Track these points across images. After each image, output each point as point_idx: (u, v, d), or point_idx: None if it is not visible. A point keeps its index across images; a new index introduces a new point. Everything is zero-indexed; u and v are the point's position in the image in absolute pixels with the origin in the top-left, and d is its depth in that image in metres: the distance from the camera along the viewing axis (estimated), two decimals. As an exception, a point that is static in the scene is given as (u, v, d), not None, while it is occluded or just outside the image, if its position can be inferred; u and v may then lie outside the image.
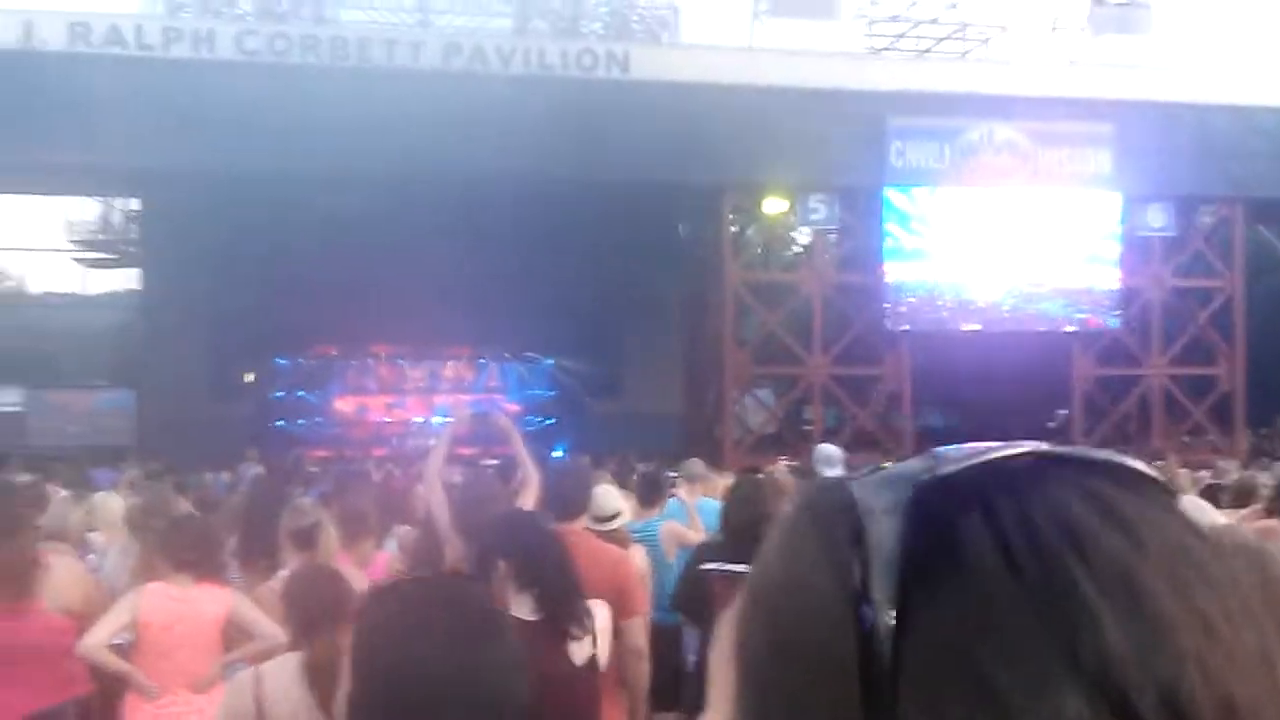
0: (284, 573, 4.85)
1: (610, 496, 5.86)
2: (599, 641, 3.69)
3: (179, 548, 4.32)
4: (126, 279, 26.84)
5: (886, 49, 27.68)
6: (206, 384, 22.71)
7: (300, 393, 27.87)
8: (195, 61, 16.34)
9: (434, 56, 17.23)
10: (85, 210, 24.35)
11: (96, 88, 15.68)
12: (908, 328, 18.08)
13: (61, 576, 4.63)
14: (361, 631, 1.48)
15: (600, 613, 3.77)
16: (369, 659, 1.43)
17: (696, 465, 7.57)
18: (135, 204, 24.39)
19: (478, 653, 1.41)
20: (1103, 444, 15.49)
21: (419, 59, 17.16)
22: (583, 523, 4.85)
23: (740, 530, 4.98)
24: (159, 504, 5.70)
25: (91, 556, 6.26)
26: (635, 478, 7.56)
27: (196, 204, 20.82)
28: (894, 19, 28.75)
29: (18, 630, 4.33)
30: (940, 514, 0.45)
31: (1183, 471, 10.61)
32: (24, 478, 11.38)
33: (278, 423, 26.53)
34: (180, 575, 4.30)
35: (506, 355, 28.61)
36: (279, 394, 27.16)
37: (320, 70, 16.54)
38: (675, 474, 6.99)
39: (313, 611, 2.93)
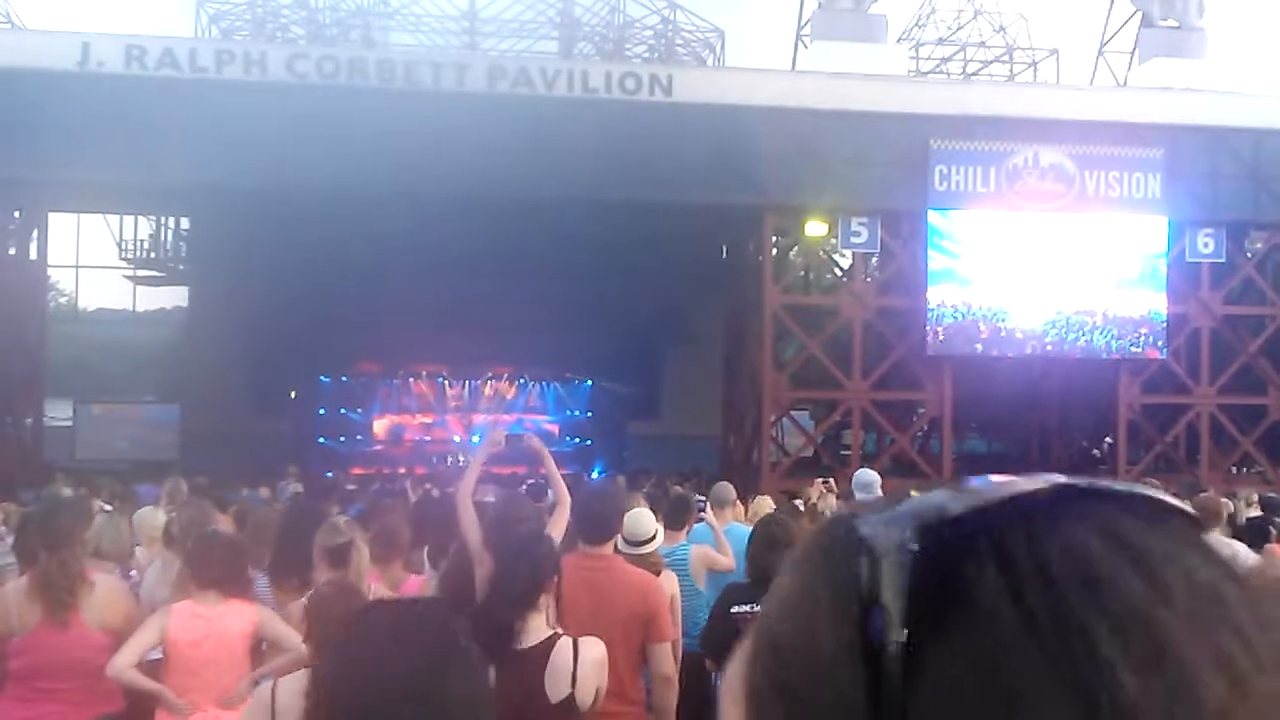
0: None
1: (644, 520, 5.81)
2: (578, 679, 3.54)
3: (205, 565, 4.36)
4: (175, 296, 27.32)
5: (933, 72, 27.63)
6: (250, 400, 23.04)
7: (342, 410, 28.17)
8: (246, 83, 16.64)
9: (479, 79, 17.40)
10: (137, 228, 24.84)
11: (150, 108, 16.03)
12: (949, 353, 17.88)
13: (104, 594, 4.68)
14: (326, 658, 1.47)
15: (593, 650, 3.63)
16: (332, 686, 1.42)
17: (726, 490, 7.50)
18: (185, 223, 24.84)
19: (438, 684, 1.39)
20: (1148, 473, 15.21)
21: (464, 82, 17.34)
22: (610, 547, 4.82)
23: (765, 573, 4.94)
24: (198, 520, 5.75)
25: (134, 573, 6.34)
26: (666, 500, 7.52)
27: (244, 223, 21.18)
28: (941, 42, 28.73)
29: (59, 645, 4.39)
30: (947, 557, 0.42)
31: (1225, 500, 10.36)
32: (68, 492, 11.59)
33: (319, 440, 26.83)
34: (207, 593, 4.33)
35: (546, 375, 28.75)
36: (321, 411, 27.48)
37: (368, 91, 16.77)
38: (703, 498, 6.93)
39: (332, 628, 2.94)
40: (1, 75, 15.98)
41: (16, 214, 17.59)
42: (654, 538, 5.76)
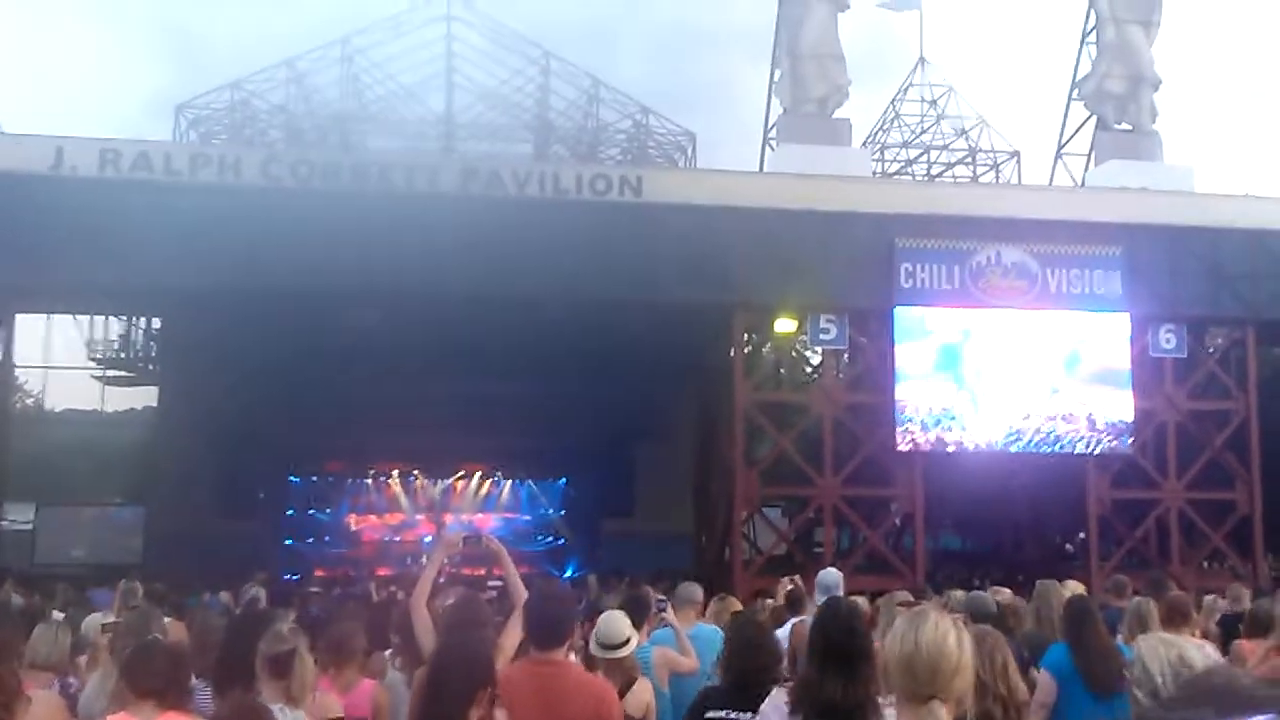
0: (262, 701, 4.74)
1: (617, 622, 5.68)
2: None
3: (143, 675, 4.22)
4: (144, 396, 27.11)
5: (899, 173, 28.31)
6: (217, 501, 22.68)
7: (311, 511, 27.78)
8: (220, 186, 16.80)
9: (452, 180, 17.66)
10: (107, 328, 24.77)
11: (122, 211, 16.11)
12: (920, 448, 17.92)
13: (40, 711, 4.51)
14: None
15: None
16: None
17: (692, 590, 7.40)
18: (156, 322, 24.78)
19: None
20: (1120, 569, 15.13)
21: (437, 183, 17.59)
22: (563, 652, 4.70)
23: (743, 677, 4.84)
24: (137, 627, 5.60)
25: (73, 682, 6.14)
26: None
27: (214, 323, 21.15)
28: (905, 145, 29.50)
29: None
30: None
31: (1208, 599, 10.32)
32: (18, 600, 11.30)
33: (287, 541, 26.39)
34: (144, 704, 4.19)
35: (519, 473, 28.54)
36: (290, 511, 27.09)
37: (342, 194, 16.96)
38: (664, 598, 6.82)
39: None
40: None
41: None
42: (628, 641, 5.64)
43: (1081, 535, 20.98)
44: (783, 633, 6.54)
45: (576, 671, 4.88)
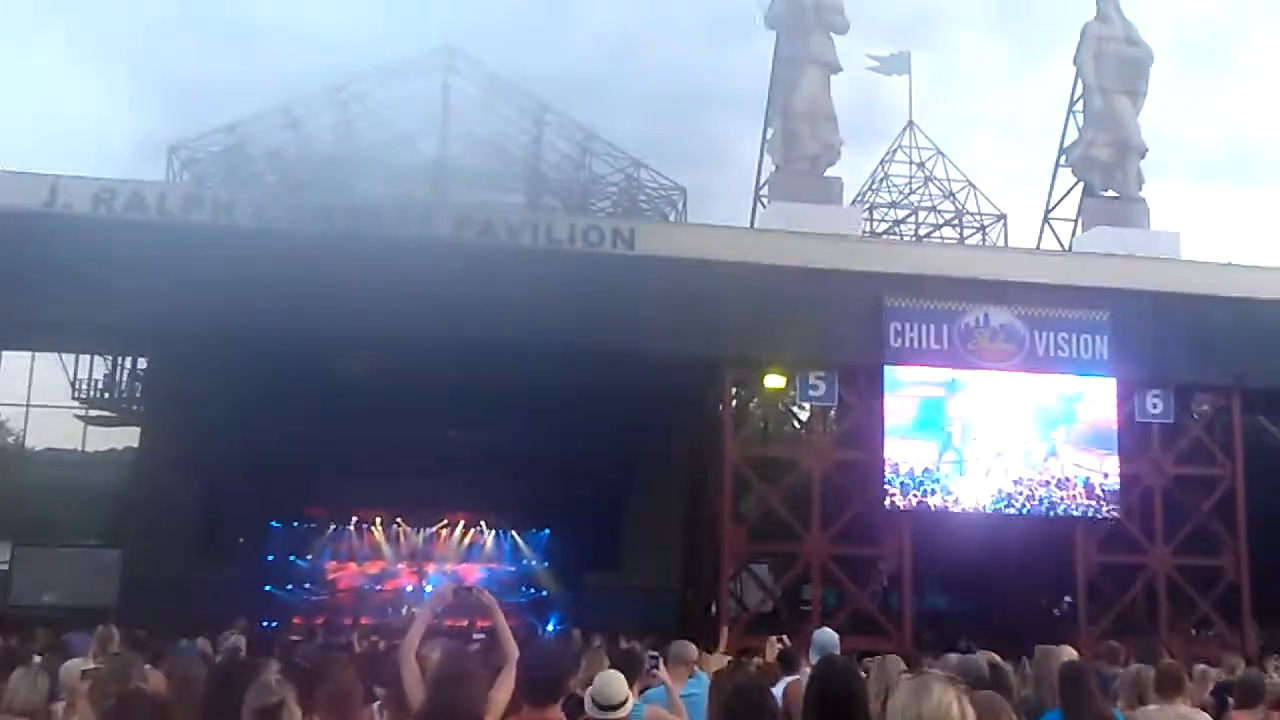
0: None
1: (615, 682, 5.53)
2: None
3: (126, 728, 4.12)
4: (126, 437, 26.84)
5: (887, 233, 28.57)
6: (196, 545, 22.34)
7: (291, 557, 27.42)
8: (211, 227, 16.81)
9: (445, 227, 17.72)
10: (92, 367, 24.58)
11: (113, 250, 16.08)
12: (907, 507, 17.88)
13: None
14: None
15: None
16: None
17: (686, 648, 7.30)
18: (141, 363, 24.62)
19: None
20: (1108, 635, 15.04)
21: (430, 230, 17.65)
22: (556, 709, 4.63)
23: None
24: (118, 675, 5.47)
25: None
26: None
27: (199, 365, 21.01)
28: (893, 205, 29.82)
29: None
30: None
31: (1200, 669, 10.25)
32: (-5, 640, 11.06)
33: (267, 588, 26.01)
34: (127, 757, 4.08)
35: (502, 524, 28.28)
36: (270, 558, 26.72)
37: (333, 238, 16.98)
38: (655, 654, 6.73)
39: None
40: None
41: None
42: (625, 702, 5.53)
43: (1068, 599, 20.90)
44: (776, 691, 6.44)
45: (569, 729, 4.80)
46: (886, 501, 17.74)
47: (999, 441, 18.13)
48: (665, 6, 77.63)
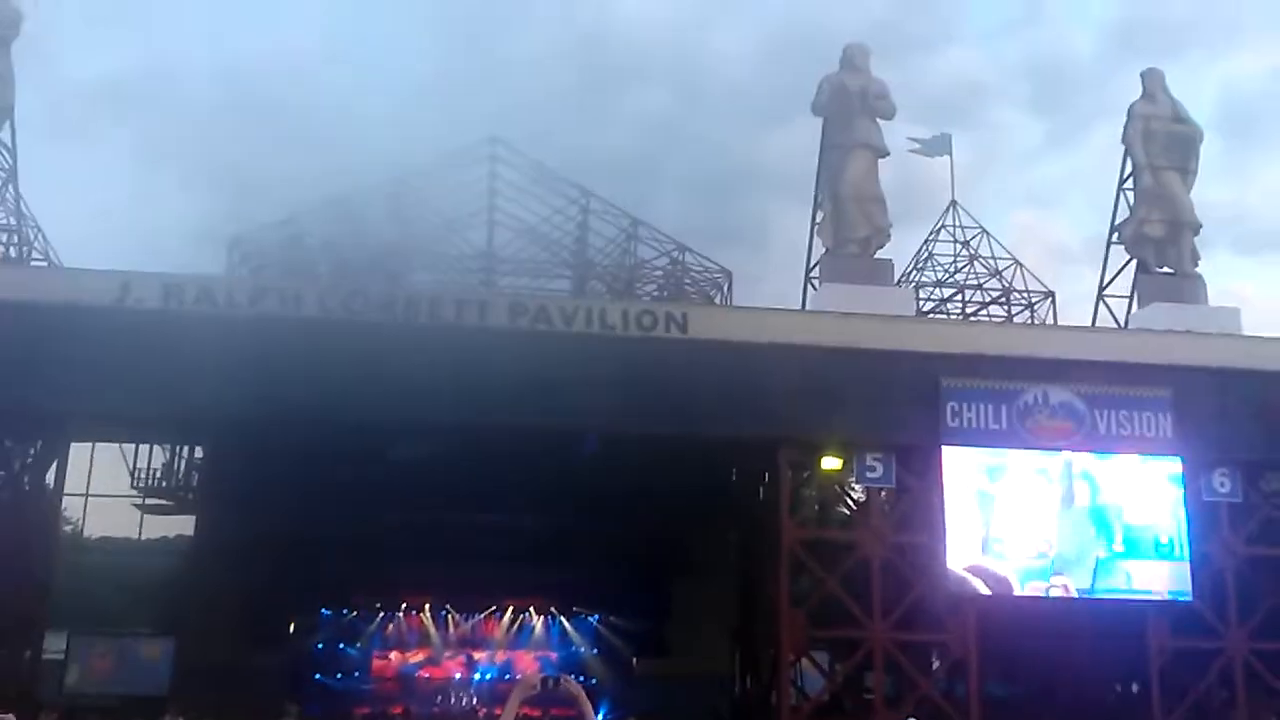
0: None
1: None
2: None
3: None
4: (181, 525, 27.06)
5: (933, 312, 28.50)
6: (247, 632, 22.32)
7: (341, 645, 27.32)
8: (274, 318, 17.12)
9: (500, 315, 17.92)
10: (151, 457, 24.92)
11: (178, 342, 16.41)
12: (971, 593, 17.50)
13: None
14: None
15: None
16: None
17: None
18: (199, 451, 24.93)
19: None
20: (1186, 722, 14.52)
21: (486, 317, 17.86)
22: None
23: None
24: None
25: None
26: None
27: (255, 453, 21.24)
28: (939, 284, 29.80)
29: None
30: None
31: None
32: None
33: (315, 676, 25.87)
34: None
35: (552, 610, 28.07)
36: (319, 645, 26.64)
37: (392, 327, 17.22)
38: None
39: None
40: (37, 311, 16.47)
41: (38, 444, 17.68)
42: None
43: (1135, 685, 20.23)
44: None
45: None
46: (954, 583, 17.38)
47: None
48: (701, 91, 79.14)
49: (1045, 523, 17.92)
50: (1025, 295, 29.30)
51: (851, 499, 21.98)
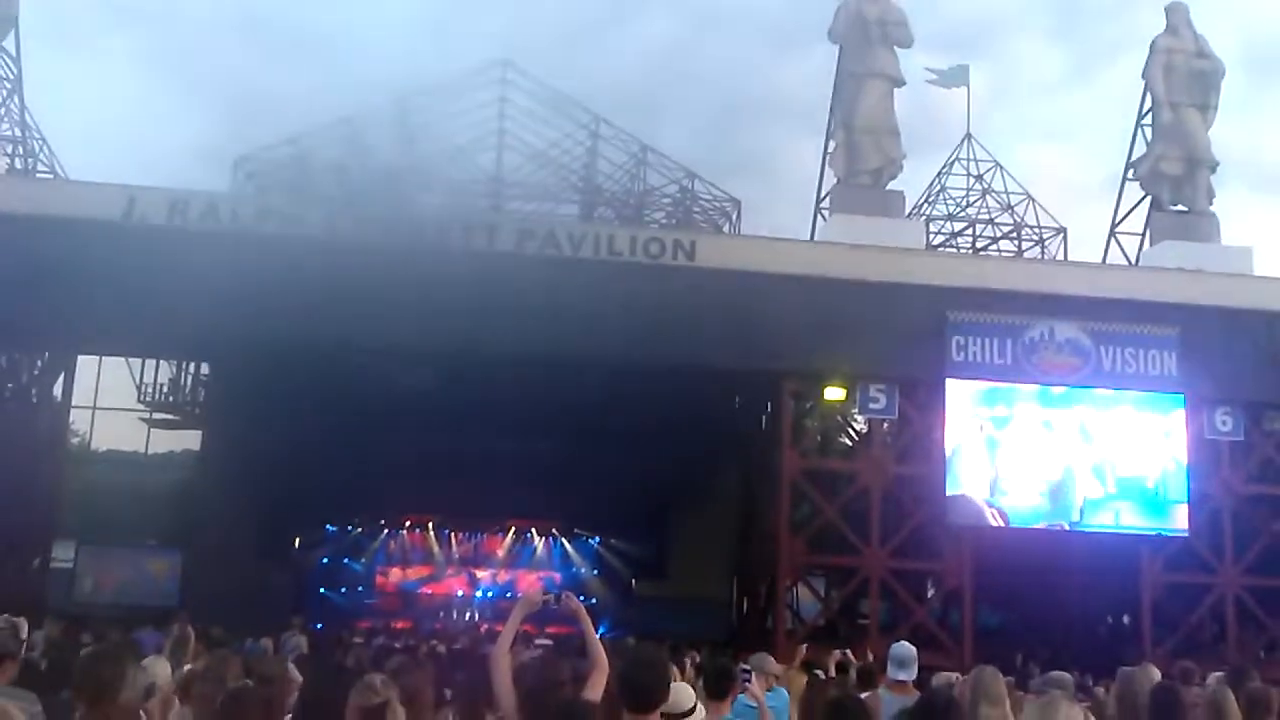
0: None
1: (684, 692, 5.60)
2: None
3: (238, 720, 4.20)
4: (187, 440, 27.31)
5: (943, 246, 28.31)
6: (253, 547, 22.67)
7: (345, 560, 27.76)
8: (281, 237, 17.06)
9: (508, 240, 17.84)
10: (158, 372, 25.05)
11: (184, 259, 16.36)
12: (968, 523, 17.67)
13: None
14: None
15: None
16: None
17: (768, 661, 7.28)
18: (205, 368, 25.06)
19: None
20: (1175, 655, 14.74)
21: (494, 242, 17.78)
22: (655, 717, 4.64)
23: None
24: (218, 673, 5.57)
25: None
26: (703, 667, 7.29)
27: (262, 372, 21.34)
28: (950, 218, 29.54)
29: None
30: None
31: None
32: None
33: (320, 590, 26.33)
34: (236, 751, 4.16)
35: (553, 531, 28.45)
36: (324, 560, 27.07)
37: (399, 250, 17.14)
38: (747, 669, 6.70)
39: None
40: (43, 224, 16.42)
41: (45, 356, 17.77)
42: (694, 710, 5.55)
43: (1126, 618, 20.52)
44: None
45: (667, 737, 4.81)
46: (952, 513, 17.55)
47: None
48: (714, 18, 77.68)
49: (1047, 469, 17.98)
50: (1037, 231, 29.05)
51: (853, 430, 22.07)
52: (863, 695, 7.23)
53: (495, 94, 27.57)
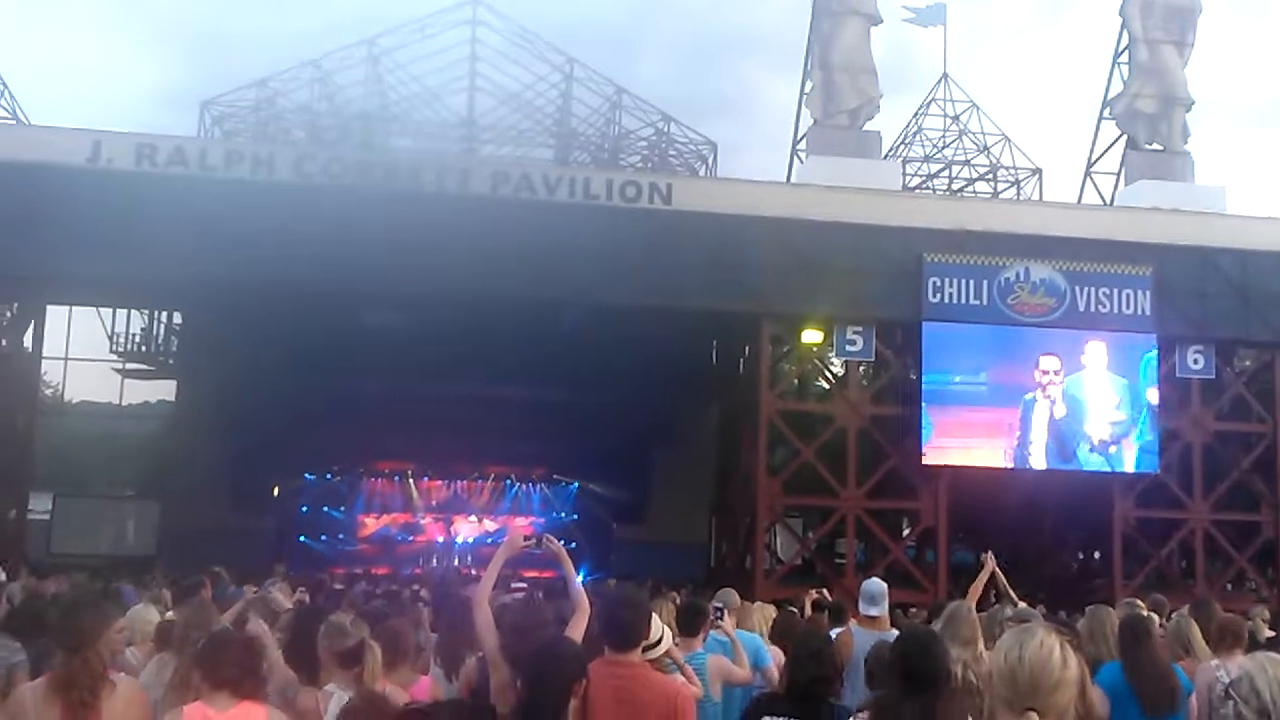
0: (331, 689, 4.73)
1: (653, 622, 5.66)
2: None
3: (220, 665, 4.21)
4: (161, 390, 27.13)
5: (920, 188, 28.26)
6: (230, 496, 22.65)
7: (325, 508, 27.78)
8: (250, 182, 16.80)
9: (483, 183, 17.65)
10: (129, 321, 24.79)
11: (153, 205, 16.12)
12: (943, 464, 17.86)
13: (124, 695, 4.48)
14: None
15: None
16: None
17: (732, 595, 7.38)
18: (178, 317, 24.81)
19: None
20: (1144, 588, 15.05)
21: (468, 185, 17.58)
22: (636, 654, 4.69)
23: (805, 686, 4.85)
24: (200, 619, 5.57)
25: (122, 675, 6.09)
26: (675, 605, 7.36)
27: (236, 319, 21.15)
28: (927, 159, 29.46)
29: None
30: None
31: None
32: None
33: (300, 538, 26.37)
34: (220, 694, 4.18)
35: (532, 477, 28.54)
36: (304, 509, 27.09)
37: (371, 193, 16.95)
38: (720, 605, 6.77)
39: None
40: (9, 169, 16.10)
41: (14, 306, 17.52)
42: (661, 640, 5.61)
43: (1097, 553, 20.89)
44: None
45: (649, 672, 4.87)
46: (923, 457, 17.71)
47: (1039, 395, 18.09)
48: (690, -43, 76.50)
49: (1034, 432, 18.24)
50: (1013, 171, 29.04)
51: (831, 372, 22.18)
52: (835, 631, 7.34)
53: (466, 34, 27.10)
